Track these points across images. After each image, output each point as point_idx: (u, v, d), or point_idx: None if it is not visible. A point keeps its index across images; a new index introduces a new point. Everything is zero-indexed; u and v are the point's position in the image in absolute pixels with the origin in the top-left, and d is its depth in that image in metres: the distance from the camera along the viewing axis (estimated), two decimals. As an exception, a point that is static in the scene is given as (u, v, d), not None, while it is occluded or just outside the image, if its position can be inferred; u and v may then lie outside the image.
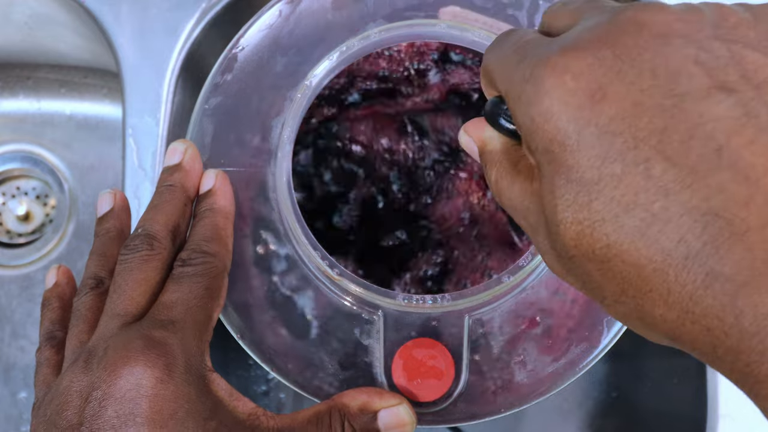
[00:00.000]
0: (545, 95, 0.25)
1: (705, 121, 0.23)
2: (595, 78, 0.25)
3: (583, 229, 0.25)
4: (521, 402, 0.39)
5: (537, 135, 0.26)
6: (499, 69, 0.29)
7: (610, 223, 0.24)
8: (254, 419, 0.35)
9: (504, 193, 0.29)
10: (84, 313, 0.37)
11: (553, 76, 0.25)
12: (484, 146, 0.31)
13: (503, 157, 0.30)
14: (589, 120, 0.25)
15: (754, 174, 0.23)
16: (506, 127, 0.30)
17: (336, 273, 0.38)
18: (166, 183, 0.38)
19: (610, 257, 0.24)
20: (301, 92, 0.40)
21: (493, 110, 0.30)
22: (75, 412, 0.33)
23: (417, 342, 0.38)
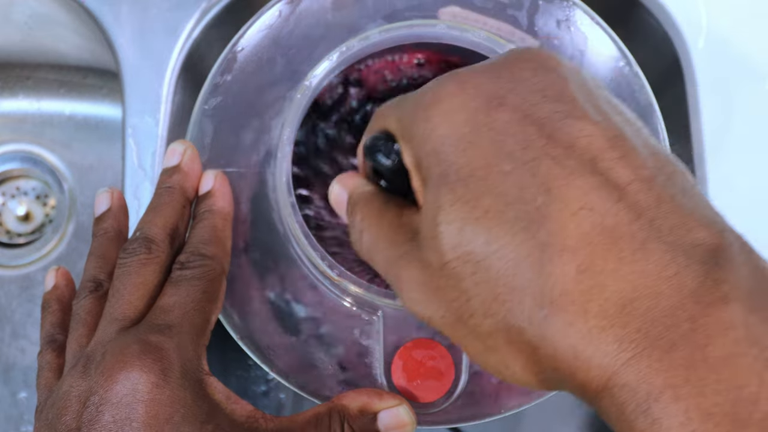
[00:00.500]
0: (447, 98, 0.28)
1: (584, 135, 0.26)
2: (493, 89, 0.27)
3: (464, 226, 0.26)
4: (521, 402, 0.39)
5: (431, 140, 0.27)
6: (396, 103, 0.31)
7: (493, 217, 0.25)
8: (252, 422, 0.35)
9: (368, 231, 0.31)
10: (83, 317, 0.37)
11: (455, 84, 0.28)
12: (354, 191, 0.33)
13: (372, 198, 0.32)
14: (484, 123, 0.27)
15: (622, 181, 0.25)
16: (383, 162, 0.30)
17: (336, 274, 0.38)
18: (165, 185, 0.38)
19: (488, 255, 0.25)
20: (300, 92, 0.40)
21: (372, 144, 0.31)
22: (73, 416, 0.33)
23: (417, 343, 0.38)
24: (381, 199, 0.32)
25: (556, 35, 0.41)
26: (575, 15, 0.42)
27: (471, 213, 0.26)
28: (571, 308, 0.24)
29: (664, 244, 0.24)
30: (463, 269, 0.26)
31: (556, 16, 0.42)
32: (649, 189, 0.25)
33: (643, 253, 0.24)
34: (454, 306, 0.27)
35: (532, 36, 0.41)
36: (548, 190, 0.25)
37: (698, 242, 0.24)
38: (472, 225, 0.26)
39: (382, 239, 0.30)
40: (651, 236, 0.24)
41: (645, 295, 0.24)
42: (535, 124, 0.26)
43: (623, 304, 0.24)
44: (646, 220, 0.25)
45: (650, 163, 0.26)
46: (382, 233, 0.30)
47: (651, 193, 0.25)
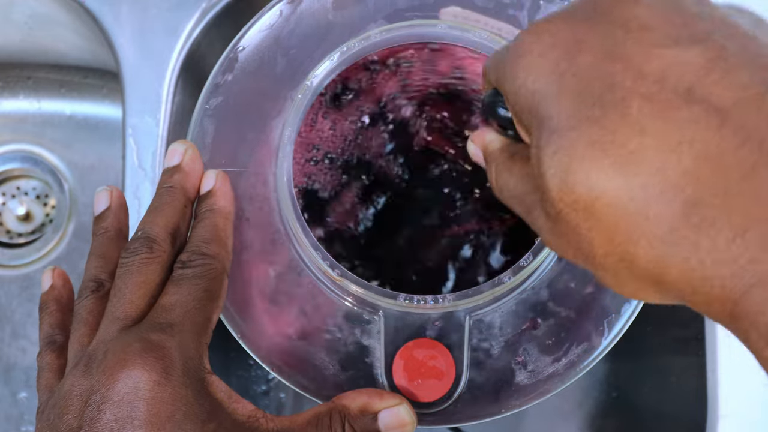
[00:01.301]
0: (526, 53, 0.27)
1: (676, 63, 0.25)
2: (571, 33, 0.26)
3: (566, 175, 0.25)
4: (522, 402, 0.39)
5: (521, 95, 0.27)
6: (492, 60, 0.31)
7: (591, 164, 0.25)
8: (253, 421, 0.35)
9: (503, 185, 0.31)
10: (85, 317, 0.37)
11: (532, 35, 0.27)
12: (486, 149, 0.33)
13: (502, 153, 0.32)
14: (567, 69, 0.26)
15: (723, 105, 0.24)
16: (501, 115, 0.31)
17: (337, 273, 0.38)
18: (166, 185, 0.38)
19: (593, 201, 0.25)
20: (301, 92, 0.40)
21: (488, 101, 0.31)
22: (75, 415, 0.33)
23: (418, 342, 0.38)
24: (510, 150, 0.32)
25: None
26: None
27: (569, 163, 0.25)
28: (684, 244, 0.24)
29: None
30: (575, 216, 0.26)
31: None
32: (757, 108, 0.23)
33: (752, 180, 0.23)
34: (579, 248, 0.27)
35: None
36: (642, 130, 0.24)
37: None
38: (572, 175, 0.25)
39: (515, 192, 0.30)
40: (760, 161, 0.23)
41: (756, 225, 0.23)
42: (621, 61, 0.25)
43: (734, 236, 0.23)
44: (755, 143, 0.23)
45: (761, 77, 0.24)
46: (514, 186, 0.30)
47: (760, 112, 0.23)
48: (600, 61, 0.26)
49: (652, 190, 0.24)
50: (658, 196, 0.24)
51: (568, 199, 0.26)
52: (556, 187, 0.26)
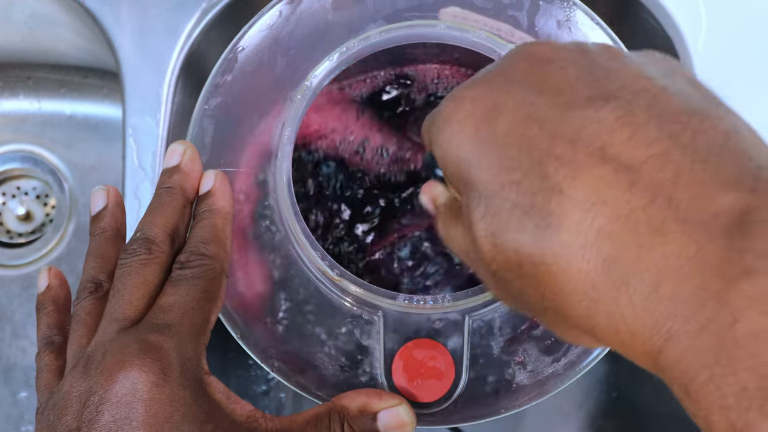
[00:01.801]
0: (448, 121, 0.28)
1: (588, 124, 0.25)
2: (489, 99, 0.27)
3: (495, 239, 0.26)
4: (521, 403, 0.39)
5: (447, 161, 0.28)
6: (426, 124, 0.31)
7: (515, 227, 0.26)
8: (252, 422, 0.35)
9: (450, 239, 0.32)
10: (84, 318, 0.37)
11: (453, 104, 0.28)
12: (435, 200, 0.34)
13: (447, 207, 0.33)
14: (486, 136, 0.27)
15: (632, 164, 0.24)
16: (439, 176, 0.32)
17: (336, 273, 0.38)
18: (165, 185, 0.38)
19: (521, 262, 0.26)
20: (301, 93, 0.40)
21: (428, 161, 0.32)
22: (74, 417, 0.33)
23: (417, 343, 0.38)
24: (454, 206, 0.33)
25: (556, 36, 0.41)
26: (575, 15, 0.42)
27: (497, 225, 0.26)
28: (605, 299, 0.24)
29: (682, 222, 0.23)
30: (508, 275, 0.27)
31: (557, 16, 0.42)
32: (664, 164, 0.24)
33: (662, 236, 0.24)
34: (519, 300, 0.28)
35: (532, 37, 0.41)
36: (560, 191, 0.25)
37: (721, 211, 0.23)
38: (499, 238, 0.26)
39: (460, 245, 0.31)
40: (669, 216, 0.24)
41: (668, 279, 0.23)
42: (536, 124, 0.26)
43: (649, 292, 0.24)
44: (664, 200, 0.24)
45: (669, 130, 0.25)
46: (460, 240, 0.31)
47: (667, 167, 0.24)
48: (517, 126, 0.26)
49: (574, 248, 0.25)
50: (579, 255, 0.25)
51: (501, 260, 0.26)
52: (487, 250, 0.27)
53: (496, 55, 0.40)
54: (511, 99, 0.27)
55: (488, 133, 0.27)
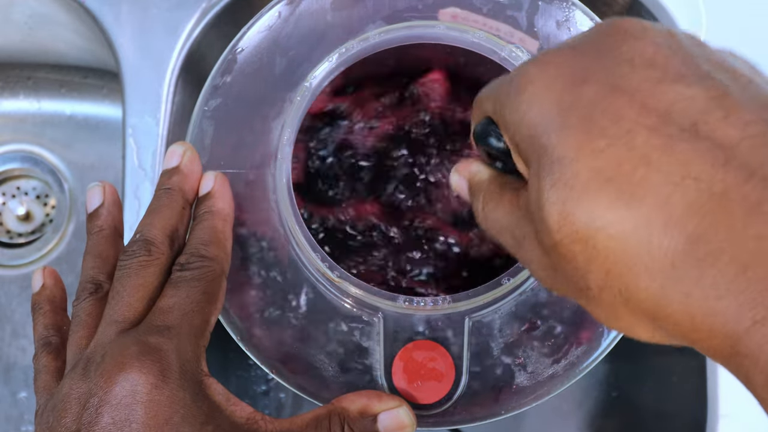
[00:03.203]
0: (530, 84, 0.27)
1: (680, 99, 0.25)
2: (576, 66, 0.27)
3: (566, 206, 0.25)
4: (521, 404, 0.39)
5: (523, 125, 0.27)
6: (490, 89, 0.31)
7: (594, 195, 0.25)
8: (252, 423, 0.35)
9: (490, 215, 0.31)
10: (84, 319, 0.37)
11: (537, 66, 0.27)
12: (473, 179, 0.33)
13: (490, 183, 0.32)
14: (572, 102, 0.26)
15: (727, 142, 0.24)
16: (495, 145, 0.31)
17: (336, 275, 0.38)
18: (165, 186, 0.38)
19: (593, 233, 0.25)
20: (300, 94, 0.40)
21: (482, 130, 0.31)
22: (73, 418, 0.33)
23: (417, 344, 0.38)
24: (498, 182, 0.32)
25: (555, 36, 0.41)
26: (575, 15, 0.42)
27: (570, 194, 0.25)
28: (685, 279, 0.23)
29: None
30: (573, 248, 0.25)
31: (556, 16, 0.41)
32: (760, 146, 0.23)
33: (757, 216, 0.23)
34: (573, 281, 0.27)
35: (531, 37, 0.41)
36: (648, 162, 0.24)
37: None
38: (573, 205, 0.25)
39: (504, 223, 0.30)
40: (765, 197, 0.23)
41: (760, 261, 0.22)
42: (626, 95, 0.25)
43: (738, 272, 0.23)
44: (760, 180, 0.23)
45: (762, 116, 0.24)
46: (504, 217, 0.30)
47: (763, 149, 0.23)
48: (605, 95, 0.26)
49: (656, 222, 0.24)
50: (661, 230, 0.24)
51: (568, 230, 0.25)
52: (555, 218, 0.26)
53: (496, 55, 0.40)
54: (600, 67, 0.26)
55: (574, 98, 0.26)
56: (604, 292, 0.26)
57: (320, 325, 0.40)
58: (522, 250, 0.29)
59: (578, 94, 0.26)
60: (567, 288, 0.27)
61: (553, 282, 0.28)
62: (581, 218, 0.25)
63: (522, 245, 0.29)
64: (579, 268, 0.26)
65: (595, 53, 0.27)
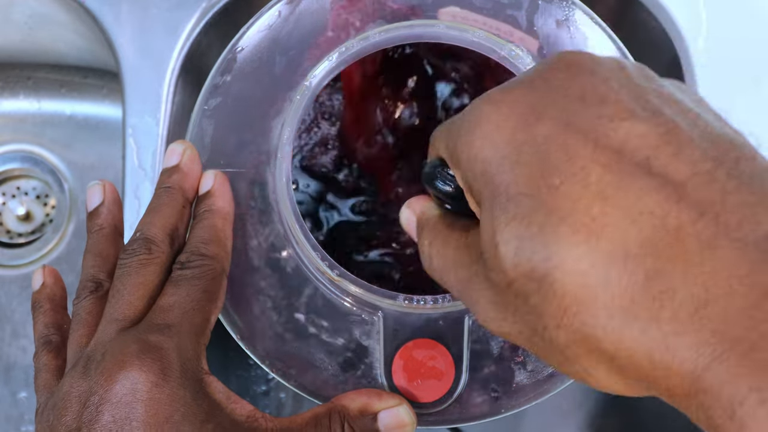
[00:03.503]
0: (483, 122, 0.27)
1: (633, 136, 0.25)
2: (529, 103, 0.27)
3: (522, 243, 0.25)
4: (521, 402, 0.39)
5: (476, 163, 0.27)
6: (443, 128, 0.31)
7: (549, 232, 0.25)
8: (252, 422, 0.35)
9: (435, 255, 0.31)
10: (84, 317, 0.37)
11: (489, 105, 0.27)
12: (422, 216, 0.33)
13: (438, 221, 0.32)
14: (525, 139, 0.26)
15: (679, 179, 0.24)
16: (442, 189, 0.31)
17: (336, 274, 0.38)
18: (165, 185, 0.38)
19: (551, 270, 0.25)
20: (300, 93, 0.40)
21: (430, 171, 0.31)
22: (74, 417, 0.33)
23: (417, 343, 0.38)
24: (446, 221, 0.31)
25: (555, 35, 0.41)
26: (575, 15, 0.42)
27: (526, 231, 0.25)
28: (643, 315, 0.23)
29: (733, 240, 0.23)
30: (528, 286, 0.25)
31: (556, 16, 0.42)
32: (710, 182, 0.24)
33: (711, 252, 0.23)
34: (527, 321, 0.26)
35: (531, 36, 0.41)
36: (604, 198, 0.24)
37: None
38: (529, 242, 0.25)
39: (450, 262, 0.30)
40: (718, 234, 0.23)
41: (718, 296, 0.22)
42: (579, 133, 0.25)
43: (696, 308, 0.23)
44: (711, 217, 0.23)
45: (712, 153, 0.24)
46: (450, 256, 0.30)
47: (713, 186, 0.24)
48: (558, 132, 0.26)
49: (615, 258, 0.24)
50: (620, 265, 0.24)
51: (524, 268, 0.25)
52: (510, 256, 0.25)
53: (495, 54, 0.40)
54: (552, 105, 0.26)
55: (527, 136, 0.26)
56: (560, 331, 0.25)
57: (320, 323, 0.40)
58: (468, 291, 0.29)
59: (532, 132, 0.26)
60: (519, 328, 0.27)
61: (501, 324, 0.28)
62: (538, 256, 0.25)
63: (469, 286, 0.29)
64: (535, 307, 0.25)
65: (547, 90, 0.27)
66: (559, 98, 0.26)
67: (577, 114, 0.26)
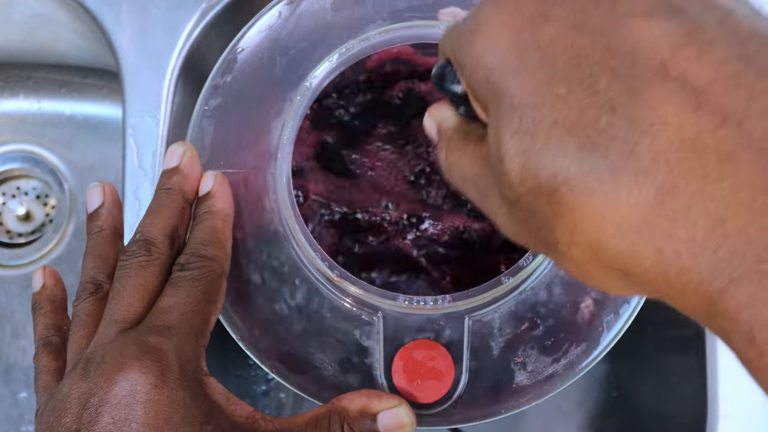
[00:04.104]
0: (485, 22, 0.25)
1: (649, 37, 0.23)
2: (535, 3, 0.24)
3: (527, 158, 0.24)
4: (521, 403, 0.39)
5: (479, 69, 0.25)
6: (450, 31, 0.29)
7: (555, 146, 0.23)
8: (252, 423, 0.35)
9: (454, 165, 0.29)
10: (84, 319, 0.37)
11: (493, 5, 0.25)
12: (440, 125, 0.31)
13: (455, 131, 0.30)
14: (530, 42, 0.24)
15: (699, 83, 0.22)
16: (450, 89, 0.29)
17: (336, 274, 0.38)
18: (165, 186, 0.38)
19: (557, 185, 0.23)
20: (300, 94, 0.40)
21: (439, 72, 0.29)
22: (73, 418, 0.33)
23: (417, 343, 0.38)
24: (463, 130, 0.30)
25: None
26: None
27: (531, 144, 0.23)
28: (656, 234, 0.22)
29: (757, 151, 0.21)
30: (537, 201, 0.24)
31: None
32: (736, 87, 0.21)
33: (732, 164, 0.21)
34: (541, 235, 0.25)
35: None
36: (612, 109, 0.22)
37: None
38: (534, 156, 0.23)
39: (467, 175, 0.28)
40: (740, 144, 0.21)
41: (738, 214, 0.21)
42: (589, 34, 0.23)
43: (713, 226, 0.21)
44: (734, 125, 0.21)
45: (740, 52, 0.22)
46: (467, 169, 0.28)
47: (739, 90, 0.21)
48: (566, 34, 0.24)
49: (623, 173, 0.22)
50: (629, 181, 0.22)
51: (530, 184, 0.24)
52: (516, 171, 0.24)
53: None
54: (561, 4, 0.24)
55: (532, 39, 0.24)
56: (572, 247, 0.24)
57: (320, 324, 0.40)
58: (487, 203, 0.27)
59: (537, 33, 0.24)
60: (535, 242, 0.26)
61: (521, 236, 0.26)
62: (544, 171, 0.23)
63: (486, 198, 0.27)
64: (545, 222, 0.24)
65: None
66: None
67: (588, 13, 0.24)
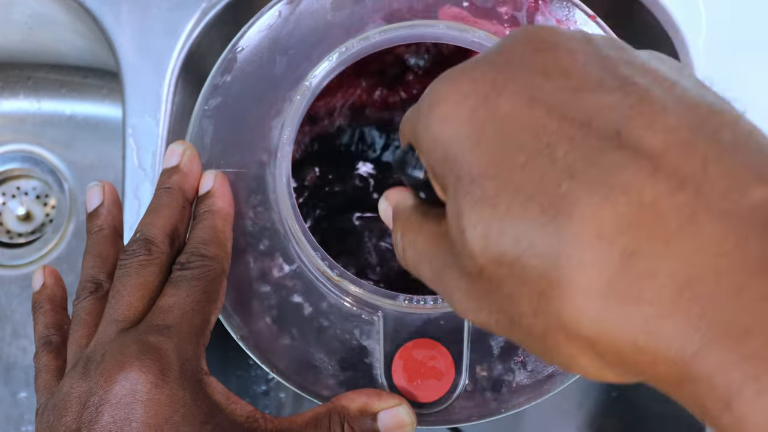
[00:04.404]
0: (441, 101, 0.26)
1: (601, 107, 0.23)
2: (489, 80, 0.25)
3: (489, 226, 0.23)
4: (521, 402, 0.39)
5: (437, 146, 0.26)
6: (408, 113, 0.29)
7: (517, 212, 0.23)
8: (252, 422, 0.35)
9: (409, 245, 0.29)
10: (84, 318, 0.37)
11: (447, 84, 0.26)
12: (397, 206, 0.31)
13: (413, 211, 0.30)
14: (486, 117, 0.24)
15: (654, 150, 0.22)
16: (411, 174, 0.29)
17: (336, 274, 0.38)
18: (164, 186, 0.38)
19: (520, 252, 0.23)
20: (300, 93, 0.40)
21: (400, 158, 0.30)
22: (74, 417, 0.33)
23: (417, 343, 0.38)
24: (420, 211, 0.30)
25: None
26: (575, 15, 0.42)
27: (493, 213, 0.23)
28: (622, 299, 0.21)
29: (717, 213, 0.21)
30: (500, 272, 0.24)
31: (556, 15, 0.42)
32: (690, 152, 0.22)
33: (693, 227, 0.21)
34: (504, 310, 0.24)
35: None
36: (572, 175, 0.22)
37: (758, 203, 0.21)
38: (496, 225, 0.23)
39: (424, 253, 0.28)
40: (700, 206, 0.21)
41: (703, 276, 0.20)
42: (544, 106, 0.24)
43: (680, 289, 0.21)
44: (692, 188, 0.21)
45: (689, 121, 0.22)
46: (423, 247, 0.28)
47: (693, 156, 0.22)
48: (522, 107, 0.24)
49: (586, 237, 0.22)
50: (593, 246, 0.22)
51: (492, 253, 0.23)
52: (478, 241, 0.24)
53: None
54: (513, 80, 0.24)
55: (488, 114, 0.24)
56: (538, 318, 0.23)
57: (320, 323, 0.40)
58: (442, 282, 0.27)
59: (493, 108, 0.24)
60: (497, 318, 0.25)
61: (481, 313, 0.26)
62: (506, 239, 0.23)
63: (442, 276, 0.27)
64: (509, 293, 0.24)
65: (507, 65, 0.25)
66: (521, 73, 0.25)
67: (540, 88, 0.24)
